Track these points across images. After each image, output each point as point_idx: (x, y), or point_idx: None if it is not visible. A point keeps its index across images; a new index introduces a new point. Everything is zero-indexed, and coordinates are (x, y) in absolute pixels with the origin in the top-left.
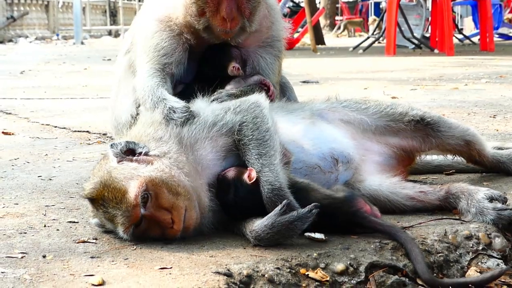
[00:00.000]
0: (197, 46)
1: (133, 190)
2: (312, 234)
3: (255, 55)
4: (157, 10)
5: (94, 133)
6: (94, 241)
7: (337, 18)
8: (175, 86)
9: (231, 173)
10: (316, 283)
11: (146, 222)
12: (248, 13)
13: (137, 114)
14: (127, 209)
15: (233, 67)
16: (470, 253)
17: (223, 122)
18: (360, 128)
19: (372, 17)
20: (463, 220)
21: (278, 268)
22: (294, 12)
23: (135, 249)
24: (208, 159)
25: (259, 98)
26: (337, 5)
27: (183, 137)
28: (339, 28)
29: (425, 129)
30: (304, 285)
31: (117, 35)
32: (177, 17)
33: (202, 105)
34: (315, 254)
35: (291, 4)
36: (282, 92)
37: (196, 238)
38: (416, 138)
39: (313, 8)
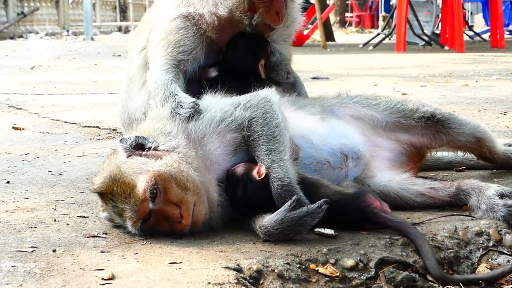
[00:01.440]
0: (217, 40)
1: (142, 185)
2: (322, 230)
3: (277, 44)
4: (184, 7)
5: (104, 129)
6: (104, 235)
7: (347, 15)
8: (194, 83)
9: (240, 169)
10: (326, 278)
11: (154, 217)
12: (288, 7)
13: None
14: (136, 203)
15: (261, 64)
16: (481, 250)
17: (232, 118)
18: (370, 124)
19: (383, 14)
20: (473, 217)
21: (288, 264)
22: (304, 9)
23: (145, 244)
24: (216, 154)
25: (269, 93)
26: (347, 2)
27: (190, 132)
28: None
29: (435, 125)
30: (314, 280)
31: (127, 31)
32: (210, 13)
33: (212, 101)
34: (325, 250)
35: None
36: (293, 87)
37: (206, 233)
38: (427, 135)
39: (323, 5)
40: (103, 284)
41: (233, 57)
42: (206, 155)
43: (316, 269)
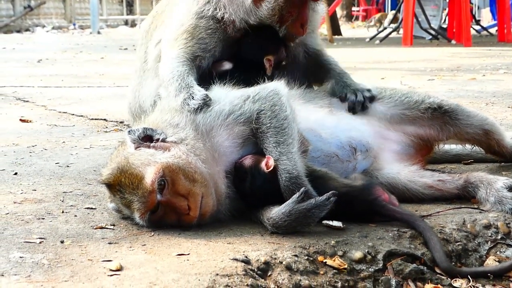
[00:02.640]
0: (234, 36)
1: (149, 176)
2: (330, 222)
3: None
4: (215, 8)
5: (111, 121)
6: (111, 227)
7: (353, 8)
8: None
9: (248, 161)
10: (334, 270)
11: (162, 209)
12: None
13: None
14: (144, 195)
15: (268, 59)
16: (489, 242)
17: (241, 111)
18: (376, 117)
19: (391, 12)
20: (481, 209)
21: (295, 256)
22: None
23: (152, 235)
24: (224, 146)
25: (278, 85)
26: None
27: (199, 124)
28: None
29: (442, 117)
30: (321, 272)
31: (133, 25)
32: (241, 20)
33: (221, 93)
34: (333, 242)
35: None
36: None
37: (213, 225)
38: (434, 127)
39: None
40: (111, 275)
41: (244, 43)
42: (214, 147)
43: (324, 261)
